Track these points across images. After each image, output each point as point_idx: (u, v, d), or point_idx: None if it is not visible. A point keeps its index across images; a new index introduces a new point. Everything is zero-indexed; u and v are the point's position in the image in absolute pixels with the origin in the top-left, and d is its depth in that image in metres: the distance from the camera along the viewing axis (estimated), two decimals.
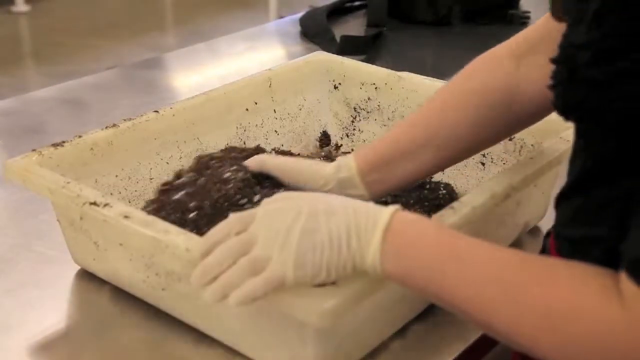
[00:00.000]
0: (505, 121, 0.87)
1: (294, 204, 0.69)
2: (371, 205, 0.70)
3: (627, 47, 0.57)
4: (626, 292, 0.57)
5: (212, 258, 0.69)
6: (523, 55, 0.85)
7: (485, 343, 0.87)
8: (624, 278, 0.58)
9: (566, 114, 0.65)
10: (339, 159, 0.89)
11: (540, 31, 0.84)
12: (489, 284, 0.62)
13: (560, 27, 0.67)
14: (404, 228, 0.67)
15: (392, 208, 0.69)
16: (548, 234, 0.82)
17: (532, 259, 0.65)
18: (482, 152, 1.08)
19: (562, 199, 0.72)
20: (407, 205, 1.01)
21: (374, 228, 0.67)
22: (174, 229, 0.78)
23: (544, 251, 0.82)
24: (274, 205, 0.71)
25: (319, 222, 0.68)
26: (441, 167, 0.91)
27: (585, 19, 0.61)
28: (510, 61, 0.86)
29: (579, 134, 0.70)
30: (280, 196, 0.72)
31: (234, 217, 0.72)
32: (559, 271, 0.62)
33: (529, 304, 0.61)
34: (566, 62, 0.63)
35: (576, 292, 0.60)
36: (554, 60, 0.65)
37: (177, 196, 0.92)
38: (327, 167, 0.88)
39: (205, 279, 0.69)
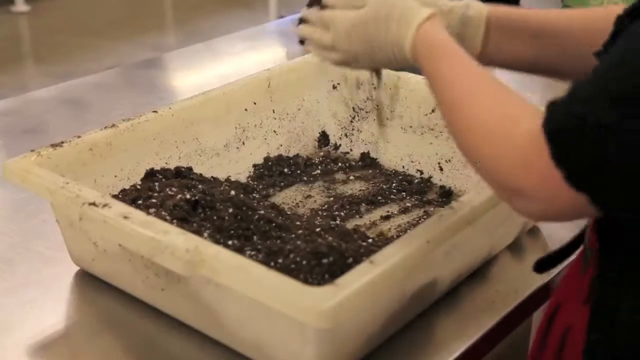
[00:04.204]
0: None
1: None
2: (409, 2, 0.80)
3: None
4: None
5: None
6: None
7: (485, 343, 0.87)
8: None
9: None
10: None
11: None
12: (474, 84, 0.73)
13: None
14: (435, 26, 0.78)
15: (429, 11, 0.78)
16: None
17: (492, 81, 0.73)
18: None
19: None
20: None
21: (412, 20, 0.78)
22: (173, 229, 0.78)
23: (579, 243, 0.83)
24: None
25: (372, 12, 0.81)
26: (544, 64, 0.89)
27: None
28: None
29: None
30: None
31: None
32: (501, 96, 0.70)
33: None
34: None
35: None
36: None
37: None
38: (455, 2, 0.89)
39: None
